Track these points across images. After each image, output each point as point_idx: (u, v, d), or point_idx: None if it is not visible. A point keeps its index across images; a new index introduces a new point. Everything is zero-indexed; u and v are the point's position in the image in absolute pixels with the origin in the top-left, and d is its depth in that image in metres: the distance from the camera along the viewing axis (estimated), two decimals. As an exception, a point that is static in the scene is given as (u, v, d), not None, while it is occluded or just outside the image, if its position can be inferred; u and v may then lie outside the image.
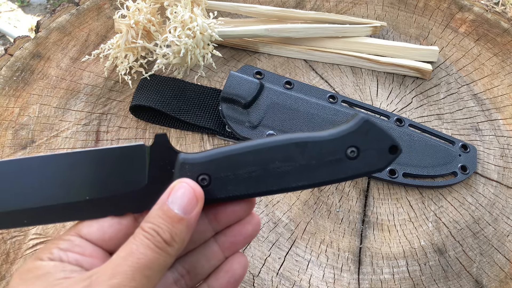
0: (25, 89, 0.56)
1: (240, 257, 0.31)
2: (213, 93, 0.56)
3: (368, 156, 0.28)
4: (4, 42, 1.54)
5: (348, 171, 0.28)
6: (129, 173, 0.29)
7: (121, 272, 0.24)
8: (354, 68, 0.61)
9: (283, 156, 0.29)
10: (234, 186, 0.29)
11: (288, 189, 0.29)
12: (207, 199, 0.28)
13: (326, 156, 0.28)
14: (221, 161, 0.29)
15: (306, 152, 0.29)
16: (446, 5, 0.68)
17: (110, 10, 0.65)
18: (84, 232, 0.28)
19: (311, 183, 0.29)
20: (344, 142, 0.28)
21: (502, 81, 0.60)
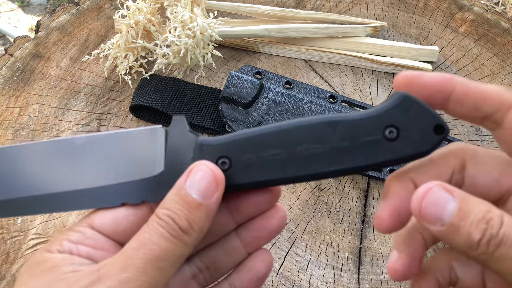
0: (25, 89, 0.56)
1: (264, 254, 0.29)
2: (213, 93, 0.56)
3: (409, 137, 0.24)
4: (4, 42, 1.54)
5: (386, 153, 0.25)
6: (145, 158, 0.27)
7: (132, 264, 0.23)
8: (354, 68, 0.61)
9: (312, 137, 0.26)
10: (257, 170, 0.26)
11: (317, 175, 0.26)
12: (227, 185, 0.26)
13: (361, 137, 0.25)
14: (243, 143, 0.26)
15: (338, 132, 0.25)
16: (446, 5, 0.68)
17: (110, 10, 0.65)
18: (96, 223, 0.26)
19: (344, 167, 0.25)
20: (381, 120, 0.25)
21: (502, 81, 0.60)
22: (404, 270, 0.25)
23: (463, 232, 0.21)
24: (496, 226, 0.21)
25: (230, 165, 0.26)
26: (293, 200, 0.49)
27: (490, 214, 0.21)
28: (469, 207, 0.21)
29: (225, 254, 0.29)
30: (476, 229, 0.21)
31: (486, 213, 0.21)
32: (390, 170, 0.50)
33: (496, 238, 0.20)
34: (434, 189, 0.22)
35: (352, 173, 0.26)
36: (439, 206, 0.22)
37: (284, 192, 0.49)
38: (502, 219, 0.21)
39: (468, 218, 0.21)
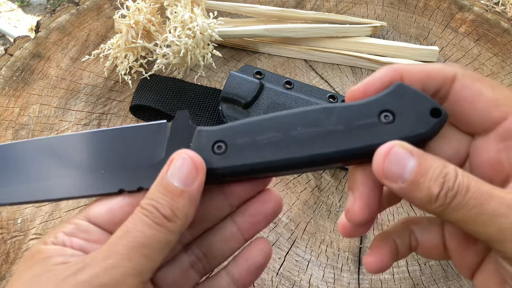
0: (25, 89, 0.56)
1: (261, 244, 0.29)
2: (213, 93, 0.56)
3: (406, 120, 0.25)
4: (4, 42, 1.54)
5: (383, 136, 0.25)
6: (149, 149, 0.28)
7: (116, 252, 0.23)
8: (354, 68, 0.61)
9: (307, 121, 0.26)
10: (252, 152, 0.26)
11: (313, 159, 0.26)
12: (224, 167, 0.26)
13: (356, 121, 0.25)
14: (239, 128, 0.27)
15: (333, 116, 0.26)
16: (446, 5, 0.68)
17: (110, 10, 0.65)
18: (92, 215, 0.26)
19: (339, 149, 0.25)
20: (375, 106, 0.25)
21: (502, 81, 0.60)
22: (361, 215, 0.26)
23: (423, 188, 0.23)
24: (452, 178, 0.22)
25: (226, 148, 0.27)
26: (293, 200, 0.49)
27: (446, 169, 0.23)
28: (427, 164, 0.23)
29: (222, 241, 0.29)
30: (435, 183, 0.22)
31: (443, 167, 0.23)
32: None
33: (453, 190, 0.22)
34: (395, 149, 0.23)
35: (348, 158, 0.26)
36: (400, 164, 0.23)
37: (284, 192, 0.49)
38: (456, 172, 0.23)
39: (427, 174, 0.23)
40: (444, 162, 0.23)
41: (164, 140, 0.28)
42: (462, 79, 0.25)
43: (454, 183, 0.22)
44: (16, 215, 0.47)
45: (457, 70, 0.26)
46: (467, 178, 0.23)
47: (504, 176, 0.25)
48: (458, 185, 0.22)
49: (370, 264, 0.28)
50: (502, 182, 0.25)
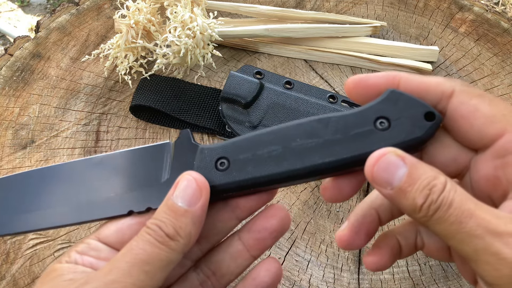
0: (25, 89, 0.56)
1: (269, 264, 0.29)
2: (213, 93, 0.56)
3: (401, 125, 0.25)
4: (4, 42, 1.54)
5: (380, 142, 0.25)
6: (155, 170, 0.29)
7: (117, 267, 0.24)
8: (354, 68, 0.61)
9: (305, 132, 0.27)
10: (254, 167, 0.27)
11: (314, 169, 0.26)
12: (227, 183, 0.27)
13: (352, 129, 0.26)
14: (240, 143, 0.28)
15: (329, 126, 0.26)
16: (446, 5, 0.68)
17: (110, 10, 0.65)
18: (102, 235, 0.27)
19: (339, 158, 0.26)
20: (371, 113, 0.26)
21: (502, 81, 0.60)
22: (347, 240, 0.28)
23: (409, 197, 0.23)
24: (437, 192, 0.23)
25: (229, 164, 0.27)
26: (293, 200, 0.49)
27: (435, 181, 0.23)
28: (417, 174, 0.23)
29: (229, 258, 0.29)
30: (420, 194, 0.23)
31: (432, 179, 0.23)
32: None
33: (435, 203, 0.22)
34: (387, 155, 0.24)
35: (348, 166, 0.26)
36: (390, 171, 0.23)
37: (284, 192, 0.49)
38: (444, 186, 0.23)
39: (415, 184, 0.23)
40: (436, 174, 0.23)
41: (168, 160, 0.29)
42: (460, 95, 0.25)
43: (438, 197, 0.22)
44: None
45: (455, 85, 0.26)
46: (453, 193, 0.23)
47: (502, 192, 0.25)
48: (441, 199, 0.22)
49: (369, 262, 0.29)
50: (500, 198, 0.25)
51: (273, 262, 0.29)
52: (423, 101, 0.26)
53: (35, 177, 0.30)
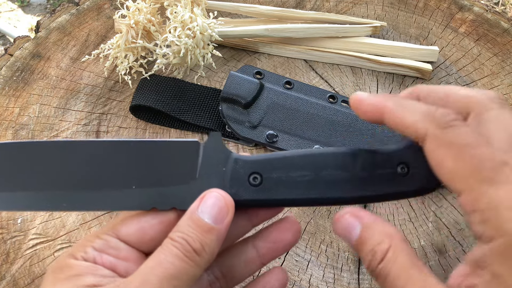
0: (25, 89, 0.56)
1: (279, 273, 0.31)
2: (213, 93, 0.56)
3: (417, 174, 0.28)
4: (4, 42, 1.54)
5: (399, 186, 0.28)
6: (180, 168, 0.28)
7: (148, 281, 0.24)
8: (354, 68, 0.61)
9: (336, 163, 0.28)
10: (286, 188, 0.28)
11: (339, 200, 0.29)
12: (259, 200, 0.28)
13: (378, 168, 0.28)
14: (274, 161, 0.29)
15: (358, 162, 0.28)
16: (446, 5, 0.68)
17: (110, 10, 0.65)
18: (122, 233, 0.27)
19: (363, 195, 0.28)
20: (396, 157, 0.28)
21: (502, 81, 0.60)
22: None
23: (362, 255, 0.26)
24: (377, 260, 0.25)
25: (261, 181, 0.28)
26: (293, 200, 0.49)
27: (377, 247, 0.25)
28: (367, 236, 0.26)
29: (241, 263, 0.30)
30: (366, 257, 0.25)
31: (375, 245, 0.25)
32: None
33: (375, 271, 0.25)
34: (345, 216, 0.27)
35: (369, 201, 0.29)
36: (348, 231, 0.26)
37: (284, 192, 0.49)
38: (384, 255, 0.24)
39: (363, 246, 0.25)
40: (381, 239, 0.25)
41: (196, 161, 0.28)
42: (429, 142, 0.25)
43: (377, 266, 0.24)
44: (16, 215, 0.47)
45: (428, 128, 0.25)
46: (392, 264, 0.24)
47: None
48: (380, 269, 0.24)
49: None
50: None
51: (282, 272, 0.31)
52: None
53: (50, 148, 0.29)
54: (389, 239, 0.25)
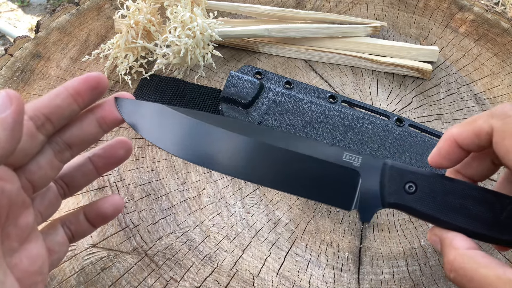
0: (25, 89, 0.56)
1: (114, 199, 0.35)
2: (213, 93, 0.56)
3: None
4: (4, 42, 1.54)
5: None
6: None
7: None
8: (354, 68, 0.61)
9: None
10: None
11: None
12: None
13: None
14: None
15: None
16: (446, 5, 0.68)
17: (110, 10, 0.65)
18: None
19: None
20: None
21: (502, 81, 0.60)
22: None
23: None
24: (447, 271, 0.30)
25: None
26: (293, 200, 0.49)
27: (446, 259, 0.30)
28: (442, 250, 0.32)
29: (81, 174, 0.35)
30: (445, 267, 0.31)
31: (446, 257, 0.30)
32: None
33: (451, 280, 0.30)
34: (430, 235, 0.33)
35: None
36: (435, 246, 0.33)
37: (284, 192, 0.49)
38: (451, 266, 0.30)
39: (443, 257, 0.31)
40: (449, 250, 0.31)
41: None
42: (495, 136, 0.29)
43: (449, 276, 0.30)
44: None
45: (494, 123, 0.29)
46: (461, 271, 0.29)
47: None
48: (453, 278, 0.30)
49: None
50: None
51: (116, 199, 0.35)
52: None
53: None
54: (454, 250, 0.30)
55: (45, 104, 0.29)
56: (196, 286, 0.43)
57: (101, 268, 0.43)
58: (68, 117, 0.31)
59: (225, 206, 0.48)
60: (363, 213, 0.34)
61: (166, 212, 0.47)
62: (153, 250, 0.44)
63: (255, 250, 0.45)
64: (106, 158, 0.35)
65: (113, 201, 0.35)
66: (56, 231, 0.34)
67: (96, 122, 0.33)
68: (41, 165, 0.30)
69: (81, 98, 0.31)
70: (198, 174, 0.50)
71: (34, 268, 0.29)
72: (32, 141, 0.29)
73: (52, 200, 0.33)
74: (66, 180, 0.35)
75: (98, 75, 0.31)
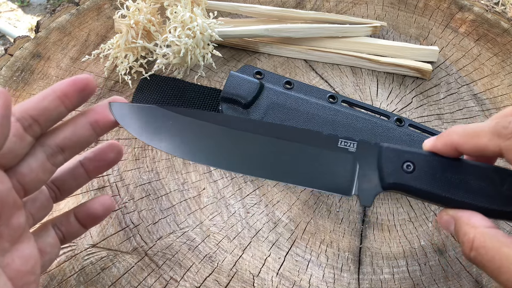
0: (25, 89, 0.56)
1: (104, 199, 0.36)
2: (213, 93, 0.56)
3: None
4: (4, 42, 1.54)
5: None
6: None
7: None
8: (354, 68, 0.61)
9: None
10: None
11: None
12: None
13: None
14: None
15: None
16: (446, 5, 0.68)
17: (110, 10, 0.65)
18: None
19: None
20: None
21: (502, 81, 0.60)
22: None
23: (459, 243, 0.33)
24: (467, 250, 0.30)
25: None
26: (293, 200, 0.49)
27: (464, 238, 0.30)
28: (457, 229, 0.32)
29: (72, 178, 0.35)
30: (461, 247, 0.31)
31: (463, 236, 0.31)
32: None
33: (471, 259, 0.30)
34: (442, 215, 0.33)
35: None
36: (447, 227, 0.33)
37: (284, 192, 0.49)
38: (472, 245, 0.30)
39: (458, 238, 0.31)
40: (467, 229, 0.30)
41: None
42: (506, 154, 0.30)
43: (469, 255, 0.30)
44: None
45: (499, 145, 0.30)
46: (481, 250, 0.29)
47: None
48: (473, 256, 0.30)
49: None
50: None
51: (107, 199, 0.36)
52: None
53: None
54: (473, 228, 0.30)
55: (33, 106, 0.30)
56: (196, 286, 0.43)
57: (101, 268, 0.43)
58: (56, 119, 0.31)
59: (225, 206, 0.48)
60: (363, 197, 0.34)
61: (166, 212, 0.47)
62: (153, 250, 0.44)
63: (255, 250, 0.45)
64: (96, 161, 0.35)
65: (103, 201, 0.36)
66: (48, 232, 0.34)
67: (89, 125, 0.33)
68: (33, 168, 0.30)
69: (69, 100, 0.31)
70: (198, 174, 0.50)
71: (26, 268, 0.29)
72: (20, 142, 0.29)
73: (43, 202, 0.34)
74: (57, 183, 0.35)
75: (86, 78, 0.31)
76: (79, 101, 0.32)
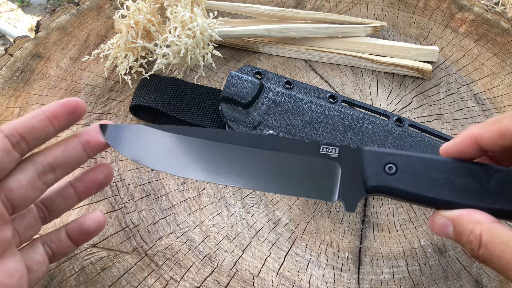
0: (25, 89, 0.56)
1: (96, 216, 0.36)
2: (213, 93, 0.56)
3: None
4: (4, 42, 1.54)
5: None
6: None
7: None
8: (354, 68, 0.61)
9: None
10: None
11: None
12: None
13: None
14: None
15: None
16: (446, 5, 0.68)
17: (110, 10, 0.65)
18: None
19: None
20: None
21: (502, 81, 0.60)
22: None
23: (464, 248, 0.32)
24: (476, 248, 0.29)
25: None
26: (293, 200, 0.49)
27: (471, 236, 0.29)
28: (459, 229, 0.30)
29: (61, 199, 0.35)
30: (467, 248, 0.29)
31: (469, 235, 0.29)
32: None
33: (479, 258, 0.29)
34: (436, 218, 0.32)
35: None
36: (444, 231, 0.31)
37: (284, 192, 0.49)
38: (480, 241, 0.28)
39: (461, 239, 0.30)
40: (472, 227, 0.29)
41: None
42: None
43: (478, 253, 0.28)
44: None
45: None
46: (490, 246, 0.28)
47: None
48: (482, 254, 0.28)
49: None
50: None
51: (99, 215, 0.36)
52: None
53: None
54: (479, 225, 0.28)
55: (21, 124, 0.30)
56: (196, 286, 0.43)
57: (101, 268, 0.43)
58: (44, 138, 0.32)
59: (225, 206, 0.48)
60: (347, 203, 0.34)
61: (166, 212, 0.47)
62: (153, 250, 0.44)
63: (255, 250, 0.45)
64: (86, 182, 0.36)
65: (95, 217, 0.36)
66: (36, 249, 0.34)
67: (81, 145, 0.33)
68: (22, 184, 0.30)
69: (58, 121, 0.32)
70: (198, 174, 0.50)
71: (11, 281, 0.29)
72: (7, 157, 0.29)
73: (31, 222, 0.34)
74: (46, 203, 0.35)
75: (76, 101, 0.32)
76: (68, 123, 0.32)
